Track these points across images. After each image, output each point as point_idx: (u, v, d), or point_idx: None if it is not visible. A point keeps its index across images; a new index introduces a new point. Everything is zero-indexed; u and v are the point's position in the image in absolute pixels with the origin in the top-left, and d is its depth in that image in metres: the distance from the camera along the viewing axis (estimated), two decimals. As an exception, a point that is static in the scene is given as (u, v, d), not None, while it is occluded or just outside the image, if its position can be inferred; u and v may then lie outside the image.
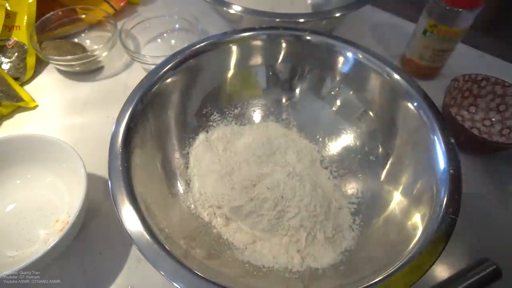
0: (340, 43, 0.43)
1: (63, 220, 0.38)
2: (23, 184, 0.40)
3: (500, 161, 0.47)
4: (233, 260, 0.34)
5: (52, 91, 0.53)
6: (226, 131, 0.45)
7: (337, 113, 0.45)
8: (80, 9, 0.58)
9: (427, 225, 0.30)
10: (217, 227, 0.37)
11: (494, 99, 0.49)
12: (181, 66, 0.41)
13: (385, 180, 0.39)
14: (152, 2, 0.70)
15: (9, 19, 0.54)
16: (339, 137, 0.44)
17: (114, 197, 0.29)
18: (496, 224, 0.41)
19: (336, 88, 0.45)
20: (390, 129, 0.40)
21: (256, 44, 0.45)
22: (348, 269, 0.33)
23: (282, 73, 0.47)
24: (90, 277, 0.36)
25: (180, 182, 0.40)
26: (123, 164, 0.31)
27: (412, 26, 0.55)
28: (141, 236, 0.28)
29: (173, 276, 0.26)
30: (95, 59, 0.54)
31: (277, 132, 0.45)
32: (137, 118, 0.36)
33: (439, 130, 0.35)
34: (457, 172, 0.32)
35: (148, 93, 0.37)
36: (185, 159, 0.42)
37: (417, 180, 0.35)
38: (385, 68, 0.41)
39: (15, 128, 0.48)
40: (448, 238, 0.28)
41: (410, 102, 0.38)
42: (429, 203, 0.32)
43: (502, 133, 0.48)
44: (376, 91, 0.42)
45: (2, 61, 0.53)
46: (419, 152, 0.36)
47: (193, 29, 0.58)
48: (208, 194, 0.39)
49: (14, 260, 0.35)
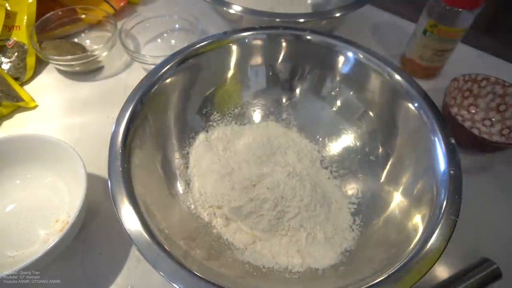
0: (341, 42, 0.43)
1: (63, 220, 0.38)
2: (23, 184, 0.40)
3: (500, 161, 0.47)
4: (233, 260, 0.34)
5: (52, 91, 0.53)
6: (226, 131, 0.45)
7: (337, 113, 0.45)
8: (80, 9, 0.58)
9: (428, 225, 0.30)
10: (217, 227, 0.37)
11: (494, 99, 0.49)
12: (181, 66, 0.41)
13: (385, 180, 0.39)
14: (152, 2, 0.69)
15: (9, 19, 0.54)
16: (339, 137, 0.44)
17: (114, 198, 0.29)
18: (496, 224, 0.41)
19: (336, 88, 0.45)
20: (391, 130, 0.40)
21: (256, 44, 0.45)
22: (348, 269, 0.33)
23: (282, 73, 0.47)
24: (90, 277, 0.36)
25: (180, 182, 0.40)
26: (123, 164, 0.31)
27: (412, 26, 0.55)
28: (141, 236, 0.28)
29: (173, 277, 0.26)
30: (95, 59, 0.53)
31: (277, 132, 0.45)
32: (137, 118, 0.36)
33: (439, 131, 0.35)
34: (457, 172, 0.32)
35: (148, 93, 0.37)
36: (185, 159, 0.42)
37: (418, 180, 0.35)
38: (385, 68, 0.41)
39: (15, 128, 0.48)
40: (449, 239, 0.28)
41: (411, 103, 0.38)
42: (429, 204, 0.31)
43: (502, 133, 0.48)
44: (376, 91, 0.42)
45: (2, 61, 0.53)
46: (419, 153, 0.36)
47: (193, 29, 0.58)
48: (208, 194, 0.38)
49: (14, 260, 0.35)
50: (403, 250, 0.29)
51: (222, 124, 0.46)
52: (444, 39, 0.50)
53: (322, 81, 0.46)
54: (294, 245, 0.36)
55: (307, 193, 0.37)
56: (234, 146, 0.43)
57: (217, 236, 0.36)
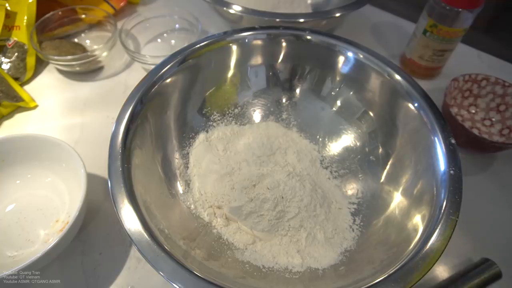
0: (341, 42, 0.43)
1: (63, 220, 0.38)
2: (23, 184, 0.40)
3: (500, 161, 0.47)
4: (233, 260, 0.34)
5: (52, 91, 0.53)
6: (226, 131, 0.45)
7: (337, 113, 0.45)
8: (80, 9, 0.58)
9: (428, 225, 0.30)
10: (217, 227, 0.37)
11: (494, 99, 0.49)
12: (181, 66, 0.41)
13: (385, 180, 0.39)
14: (152, 2, 0.70)
15: (9, 19, 0.54)
16: (339, 137, 0.44)
17: (114, 198, 0.29)
18: (496, 224, 0.41)
19: (336, 88, 0.45)
20: (391, 130, 0.40)
21: (256, 44, 0.45)
22: (348, 269, 0.33)
23: (282, 73, 0.47)
24: (90, 277, 0.36)
25: (180, 182, 0.40)
26: (123, 164, 0.31)
27: (412, 26, 0.56)
28: (141, 236, 0.28)
29: (173, 277, 0.26)
30: (95, 59, 0.53)
31: (277, 132, 0.45)
32: (137, 118, 0.36)
33: (439, 131, 0.35)
34: (457, 173, 0.32)
35: (148, 93, 0.37)
36: (185, 159, 0.42)
37: (418, 180, 0.35)
38: (385, 68, 0.41)
39: (15, 128, 0.48)
40: (449, 239, 0.28)
41: (411, 103, 0.38)
42: (429, 204, 0.32)
43: (502, 133, 0.48)
44: (376, 91, 0.42)
45: (2, 61, 0.53)
46: (419, 153, 0.36)
47: (193, 29, 0.58)
48: (208, 194, 0.38)
49: (14, 260, 0.35)
50: (403, 250, 0.29)
51: (222, 124, 0.45)
52: (444, 39, 0.50)
53: (322, 81, 0.46)
54: (294, 245, 0.36)
55: (307, 193, 0.37)
56: (234, 146, 0.43)
57: (217, 236, 0.36)
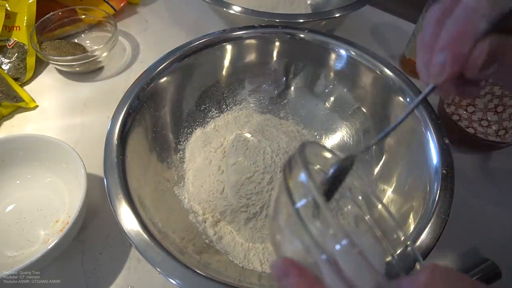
0: (333, 40, 0.44)
1: (63, 221, 0.38)
2: (23, 184, 0.40)
3: (497, 160, 0.47)
4: (226, 262, 0.34)
5: (52, 91, 0.53)
6: (223, 127, 0.45)
7: (331, 110, 0.46)
8: (80, 10, 0.58)
9: (418, 224, 0.30)
10: (209, 225, 0.37)
11: (493, 100, 0.49)
12: (178, 63, 0.41)
13: (378, 178, 0.39)
14: (152, 2, 0.70)
15: (9, 19, 0.54)
16: (333, 135, 0.45)
17: (109, 192, 0.30)
18: (495, 224, 0.41)
19: (330, 85, 0.45)
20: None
21: (251, 42, 0.45)
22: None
23: (277, 71, 0.47)
24: (90, 277, 0.36)
25: (175, 176, 0.40)
26: (119, 157, 0.32)
27: (412, 26, 0.56)
28: (137, 233, 0.28)
29: (171, 274, 0.26)
30: (95, 59, 0.54)
31: (272, 128, 0.45)
32: (134, 114, 0.36)
33: (433, 130, 0.35)
34: (449, 172, 0.32)
35: (145, 89, 0.38)
36: (181, 154, 0.42)
37: (410, 179, 0.35)
38: (379, 66, 0.41)
39: (15, 128, 0.48)
40: (438, 237, 0.28)
41: (405, 100, 0.38)
42: (421, 202, 0.32)
43: (498, 134, 0.48)
44: (369, 88, 0.42)
45: (2, 62, 0.53)
46: (412, 151, 0.36)
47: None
48: (202, 190, 0.39)
49: (14, 260, 0.35)
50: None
51: (218, 120, 0.46)
52: (444, 39, 0.50)
53: (316, 78, 0.46)
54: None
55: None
56: (229, 142, 0.43)
57: (209, 234, 0.37)
